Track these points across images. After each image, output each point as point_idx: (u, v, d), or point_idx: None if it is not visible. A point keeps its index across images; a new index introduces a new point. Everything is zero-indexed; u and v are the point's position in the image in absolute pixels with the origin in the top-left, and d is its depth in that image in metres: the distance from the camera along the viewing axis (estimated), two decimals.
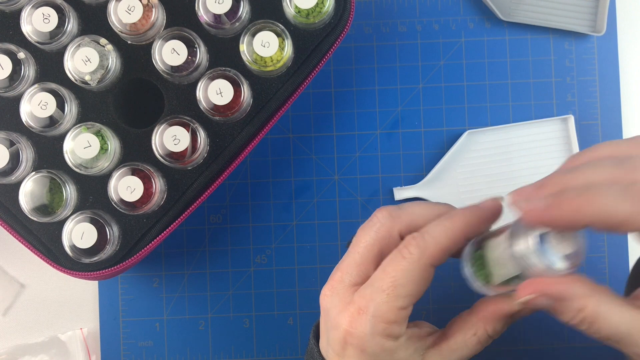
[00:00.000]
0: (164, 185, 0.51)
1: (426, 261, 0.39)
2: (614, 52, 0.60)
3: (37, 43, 0.50)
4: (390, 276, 0.40)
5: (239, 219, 0.60)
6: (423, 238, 0.40)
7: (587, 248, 0.35)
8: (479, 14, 0.60)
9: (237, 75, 0.50)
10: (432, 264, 0.40)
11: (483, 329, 0.42)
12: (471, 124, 0.60)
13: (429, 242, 0.40)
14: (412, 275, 0.39)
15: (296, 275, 0.60)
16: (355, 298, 0.41)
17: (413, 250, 0.40)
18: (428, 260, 0.39)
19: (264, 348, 0.60)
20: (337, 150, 0.60)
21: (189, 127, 0.50)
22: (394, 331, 0.40)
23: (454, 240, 0.40)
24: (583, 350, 0.59)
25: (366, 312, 0.40)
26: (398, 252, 0.40)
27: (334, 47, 0.52)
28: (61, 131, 0.50)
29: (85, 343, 0.59)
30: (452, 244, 0.40)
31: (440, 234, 0.40)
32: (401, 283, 0.39)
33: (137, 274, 0.60)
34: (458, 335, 0.42)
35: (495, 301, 0.41)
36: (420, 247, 0.40)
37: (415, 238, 0.40)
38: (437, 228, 0.40)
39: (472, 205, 0.42)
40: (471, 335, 0.42)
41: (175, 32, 0.50)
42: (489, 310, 0.41)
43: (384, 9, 0.61)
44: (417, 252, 0.39)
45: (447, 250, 0.40)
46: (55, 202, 0.50)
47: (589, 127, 0.60)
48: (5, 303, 0.60)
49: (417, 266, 0.39)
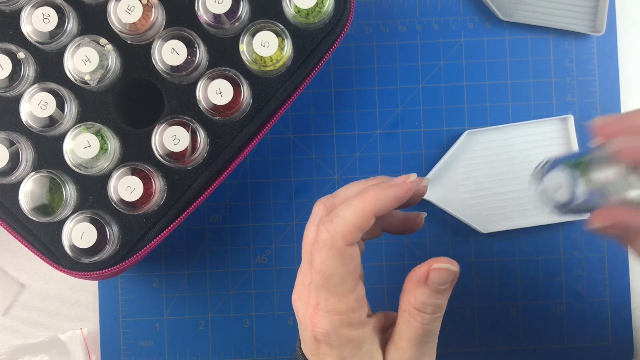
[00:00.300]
0: (164, 185, 0.51)
1: (340, 243, 0.39)
2: (613, 52, 0.60)
3: (37, 43, 0.50)
4: (318, 270, 0.40)
5: (239, 219, 0.60)
6: (332, 221, 0.40)
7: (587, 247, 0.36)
8: (478, 14, 0.61)
9: (237, 75, 0.50)
10: (346, 243, 0.40)
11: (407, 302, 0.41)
12: (471, 124, 0.60)
13: (338, 224, 0.40)
14: (335, 261, 0.40)
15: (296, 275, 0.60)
16: (310, 298, 0.42)
17: (324, 236, 0.40)
18: (341, 241, 0.39)
19: (264, 348, 0.60)
20: (337, 150, 0.60)
21: (189, 127, 0.50)
22: (353, 319, 0.40)
23: (364, 218, 0.40)
24: (583, 350, 0.59)
25: (319, 309, 0.41)
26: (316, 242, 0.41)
27: (333, 47, 0.52)
28: (61, 131, 0.50)
29: (85, 343, 0.59)
30: (362, 222, 0.40)
31: (349, 213, 0.40)
32: (330, 273, 0.40)
33: (137, 274, 0.60)
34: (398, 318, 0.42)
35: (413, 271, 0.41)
36: (330, 232, 0.40)
37: (324, 223, 0.40)
38: (346, 208, 0.40)
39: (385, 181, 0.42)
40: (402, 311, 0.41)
41: (175, 32, 0.50)
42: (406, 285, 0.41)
43: (384, 9, 0.61)
44: (328, 237, 0.40)
45: (358, 228, 0.40)
46: (55, 202, 0.50)
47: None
48: (5, 303, 0.60)
49: (334, 251, 0.40)
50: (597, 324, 0.59)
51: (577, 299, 0.59)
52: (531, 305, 0.59)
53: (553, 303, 0.60)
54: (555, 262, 0.60)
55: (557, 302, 0.60)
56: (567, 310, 0.59)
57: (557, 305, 0.60)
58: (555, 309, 0.59)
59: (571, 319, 0.59)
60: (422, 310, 0.41)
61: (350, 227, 0.40)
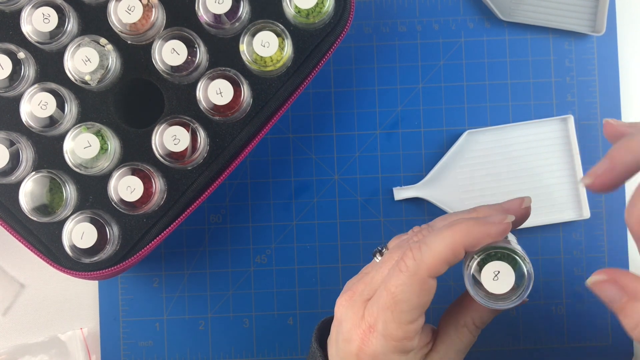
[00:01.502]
0: (164, 185, 0.51)
1: (423, 274, 0.38)
2: (613, 52, 0.60)
3: (37, 43, 0.50)
4: (391, 292, 0.39)
5: (239, 219, 0.60)
6: (420, 249, 0.39)
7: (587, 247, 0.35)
8: (478, 14, 0.61)
9: (237, 75, 0.50)
10: (430, 275, 0.38)
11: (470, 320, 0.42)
12: (471, 124, 0.60)
13: (425, 254, 0.38)
14: (412, 290, 0.38)
15: (296, 275, 0.60)
16: (365, 314, 0.40)
17: (409, 263, 0.39)
18: (425, 272, 0.38)
19: (264, 348, 0.60)
20: (337, 150, 0.60)
21: (189, 127, 0.50)
22: (406, 347, 0.40)
23: (453, 252, 0.38)
24: (583, 350, 0.59)
25: (376, 330, 0.39)
26: (396, 266, 0.39)
27: (333, 47, 0.52)
28: (61, 131, 0.50)
29: (85, 343, 0.59)
30: (451, 256, 0.38)
31: (439, 244, 0.38)
32: (402, 299, 0.38)
33: (137, 274, 0.60)
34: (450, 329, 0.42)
35: None
36: (417, 260, 0.38)
37: (412, 249, 0.39)
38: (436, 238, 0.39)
39: (479, 216, 0.40)
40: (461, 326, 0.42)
41: (175, 32, 0.50)
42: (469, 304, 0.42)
43: (383, 9, 0.61)
44: (413, 265, 0.38)
45: (445, 261, 0.38)
46: (55, 202, 0.50)
47: (588, 127, 0.60)
48: (5, 303, 0.60)
49: (414, 280, 0.38)
50: (597, 324, 0.59)
51: (577, 299, 0.59)
52: (531, 305, 0.59)
53: (553, 303, 0.60)
54: (555, 262, 0.60)
55: (557, 302, 0.60)
56: (567, 310, 0.59)
57: (557, 305, 0.60)
58: (555, 309, 0.59)
59: (571, 319, 0.59)
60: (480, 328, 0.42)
61: (437, 260, 0.38)
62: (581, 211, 0.59)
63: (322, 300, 0.60)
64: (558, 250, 0.60)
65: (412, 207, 0.60)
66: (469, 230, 0.38)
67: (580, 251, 0.60)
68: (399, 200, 0.60)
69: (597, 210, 0.60)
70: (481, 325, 0.42)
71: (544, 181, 0.59)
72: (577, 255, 0.60)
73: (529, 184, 0.59)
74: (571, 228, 0.60)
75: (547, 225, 0.59)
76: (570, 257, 0.60)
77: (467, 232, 0.38)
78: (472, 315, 0.42)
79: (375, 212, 0.60)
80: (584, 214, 0.59)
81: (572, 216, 0.59)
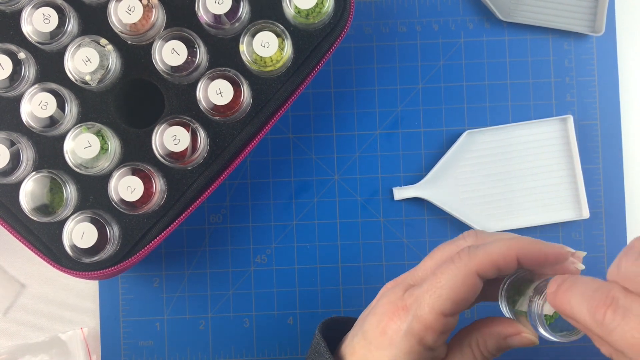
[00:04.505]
0: (164, 185, 0.51)
1: (472, 268, 0.39)
2: (613, 52, 0.61)
3: (38, 43, 0.50)
4: (437, 276, 0.40)
5: (239, 219, 0.60)
6: (476, 248, 0.40)
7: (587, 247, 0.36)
8: (478, 15, 0.61)
9: (237, 75, 0.50)
10: (478, 272, 0.39)
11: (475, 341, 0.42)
12: (470, 124, 0.60)
13: (480, 252, 0.39)
14: (456, 279, 0.39)
15: (296, 275, 0.60)
16: (405, 295, 0.41)
17: (463, 256, 0.40)
18: (474, 267, 0.39)
19: (264, 348, 0.60)
20: (337, 150, 0.60)
21: (189, 127, 0.50)
22: (428, 338, 0.40)
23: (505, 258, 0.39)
24: (583, 350, 0.59)
25: (409, 310, 0.40)
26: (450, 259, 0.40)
27: (333, 48, 0.52)
28: (61, 131, 0.50)
29: (85, 343, 0.60)
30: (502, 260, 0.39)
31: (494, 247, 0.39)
32: (444, 285, 0.39)
33: (137, 274, 0.60)
34: (456, 348, 0.42)
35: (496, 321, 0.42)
36: (470, 255, 0.40)
37: (470, 247, 0.40)
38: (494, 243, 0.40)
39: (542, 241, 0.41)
40: (466, 346, 0.42)
41: (175, 32, 0.50)
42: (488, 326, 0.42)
43: (383, 10, 0.61)
44: (465, 258, 0.40)
45: (495, 263, 0.39)
46: (55, 202, 0.50)
47: (588, 127, 0.60)
48: (6, 303, 0.60)
49: (462, 271, 0.39)
50: None
51: None
52: None
53: None
54: None
55: None
56: None
57: None
58: None
59: None
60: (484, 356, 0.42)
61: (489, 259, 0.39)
62: (580, 211, 0.59)
63: (322, 300, 0.60)
64: None
65: (412, 207, 0.60)
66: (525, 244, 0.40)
67: None
68: (399, 200, 0.60)
69: (596, 210, 0.60)
70: (484, 351, 0.42)
71: (544, 181, 0.59)
72: None
73: (529, 184, 0.59)
74: (571, 228, 0.60)
75: (546, 225, 0.59)
76: None
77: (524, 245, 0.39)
78: (477, 337, 0.42)
79: (375, 212, 0.60)
80: (584, 214, 0.59)
81: (571, 216, 0.59)
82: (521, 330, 0.41)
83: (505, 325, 0.41)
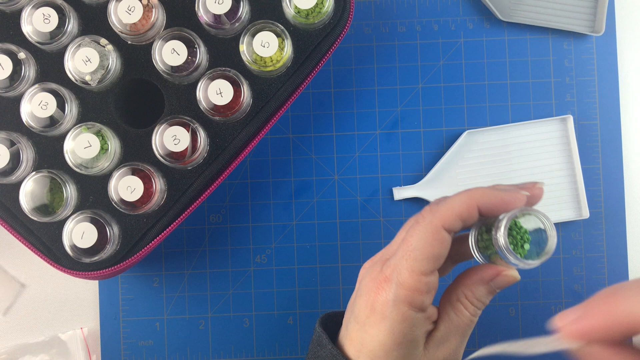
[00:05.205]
0: (164, 185, 0.51)
1: (437, 223, 0.40)
2: (612, 52, 0.61)
3: (38, 43, 0.50)
4: (407, 241, 0.41)
5: (239, 219, 0.60)
6: (437, 204, 0.41)
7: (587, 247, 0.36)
8: (478, 15, 0.61)
9: (237, 75, 0.50)
10: (444, 226, 0.40)
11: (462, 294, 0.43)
12: (470, 124, 0.60)
13: (442, 207, 0.41)
14: (425, 237, 0.40)
15: (296, 275, 0.60)
16: (383, 268, 0.42)
17: (426, 215, 0.41)
18: (439, 222, 0.40)
19: (264, 348, 0.60)
20: (337, 150, 0.60)
21: (189, 127, 0.50)
22: (417, 300, 0.41)
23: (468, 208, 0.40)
24: None
25: (391, 280, 0.41)
26: (415, 220, 0.42)
27: (333, 48, 0.52)
28: (61, 131, 0.50)
29: (85, 342, 0.60)
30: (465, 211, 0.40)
31: (454, 200, 0.41)
32: (416, 246, 0.40)
33: (137, 274, 0.60)
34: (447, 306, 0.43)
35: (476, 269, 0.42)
36: (433, 212, 0.41)
37: (431, 205, 0.42)
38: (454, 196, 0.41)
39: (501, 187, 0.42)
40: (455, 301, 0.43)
41: (175, 32, 0.50)
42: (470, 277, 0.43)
43: (383, 10, 0.61)
44: (429, 216, 0.41)
45: (458, 214, 0.40)
46: (55, 202, 0.50)
47: (588, 127, 0.60)
48: (6, 303, 0.60)
49: (428, 228, 0.40)
50: None
51: (576, 299, 0.59)
52: (530, 305, 0.60)
53: (552, 303, 0.60)
54: (555, 262, 0.60)
55: (557, 302, 0.60)
56: (566, 309, 0.59)
57: (557, 305, 0.60)
58: (555, 309, 0.60)
59: None
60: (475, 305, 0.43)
61: (452, 212, 0.40)
62: (580, 211, 0.59)
63: (322, 300, 0.60)
64: (557, 249, 0.60)
65: (412, 207, 0.60)
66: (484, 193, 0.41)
67: (580, 251, 0.60)
68: (399, 200, 0.60)
69: (596, 210, 0.60)
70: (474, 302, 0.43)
71: (543, 181, 0.59)
72: (577, 255, 0.60)
73: None
74: (570, 228, 0.60)
75: None
76: (570, 256, 0.60)
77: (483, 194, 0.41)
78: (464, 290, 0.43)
79: (375, 212, 0.60)
80: (583, 213, 0.59)
81: (571, 216, 0.59)
82: (500, 270, 0.42)
83: (485, 270, 0.42)
